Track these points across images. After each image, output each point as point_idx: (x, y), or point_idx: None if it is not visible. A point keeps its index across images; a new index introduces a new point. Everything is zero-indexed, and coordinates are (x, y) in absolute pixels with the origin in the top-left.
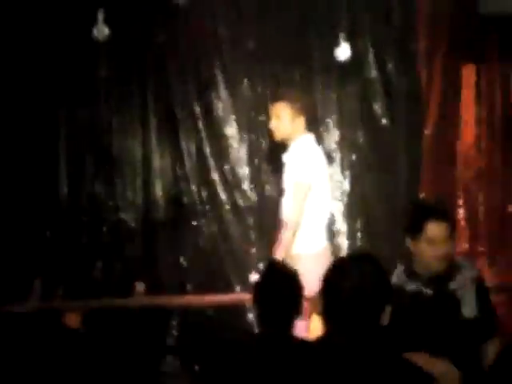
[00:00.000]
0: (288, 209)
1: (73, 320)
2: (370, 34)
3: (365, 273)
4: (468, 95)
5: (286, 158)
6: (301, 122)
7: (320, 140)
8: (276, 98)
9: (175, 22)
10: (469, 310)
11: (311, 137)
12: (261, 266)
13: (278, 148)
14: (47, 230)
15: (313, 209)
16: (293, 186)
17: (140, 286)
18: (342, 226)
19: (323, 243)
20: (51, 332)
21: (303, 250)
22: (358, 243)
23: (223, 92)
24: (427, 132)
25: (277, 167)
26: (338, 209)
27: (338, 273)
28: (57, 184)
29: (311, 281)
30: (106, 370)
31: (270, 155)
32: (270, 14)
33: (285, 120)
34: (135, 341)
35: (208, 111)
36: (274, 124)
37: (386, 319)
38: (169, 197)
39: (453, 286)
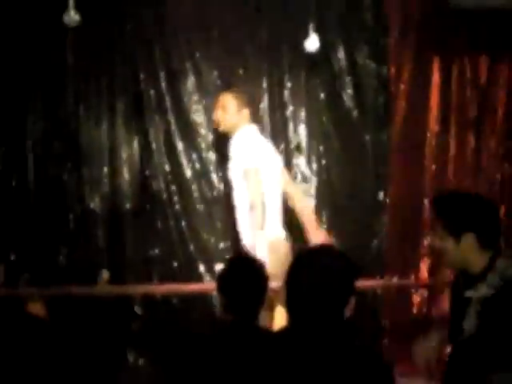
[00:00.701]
0: (243, 195)
1: (37, 308)
2: (339, 26)
3: (327, 265)
4: (437, 88)
5: (231, 149)
6: (246, 113)
7: (287, 131)
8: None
9: (146, 9)
10: (468, 323)
11: (254, 127)
12: (227, 255)
13: None
14: (12, 216)
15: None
16: (243, 173)
17: (105, 274)
18: None
19: (277, 232)
20: (14, 320)
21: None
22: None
23: (192, 79)
24: (395, 124)
25: None
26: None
27: (301, 265)
28: (24, 170)
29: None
30: (69, 360)
31: None
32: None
33: (231, 111)
34: (99, 331)
35: (176, 99)
36: (219, 115)
37: (349, 311)
38: (136, 185)
39: (468, 293)
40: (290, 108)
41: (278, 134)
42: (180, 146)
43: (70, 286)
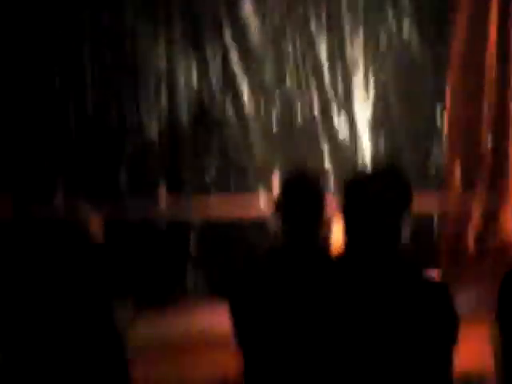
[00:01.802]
0: None
1: (95, 224)
2: None
3: (388, 183)
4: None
5: None
6: None
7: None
8: None
9: None
10: None
11: None
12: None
13: None
14: (73, 134)
15: None
16: None
17: (162, 189)
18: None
19: None
20: (75, 238)
21: None
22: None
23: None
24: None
25: None
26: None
27: (362, 182)
28: (83, 91)
29: None
30: (122, 284)
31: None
32: None
33: None
34: (156, 253)
35: (234, 20)
36: None
37: (406, 230)
38: (193, 105)
39: None
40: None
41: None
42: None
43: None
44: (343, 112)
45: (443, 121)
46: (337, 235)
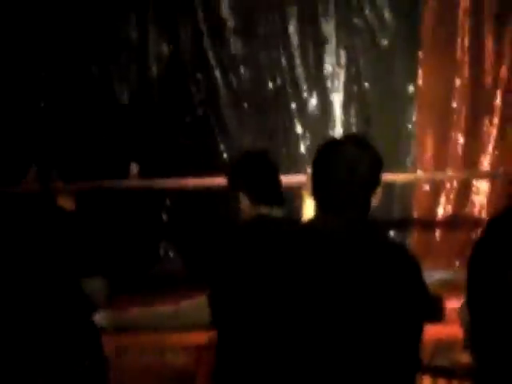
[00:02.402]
0: None
1: (67, 202)
2: None
3: (354, 155)
4: None
5: None
6: None
7: None
8: None
9: None
10: None
11: None
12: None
13: None
14: (42, 110)
15: None
16: None
17: (134, 168)
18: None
19: None
20: (46, 213)
21: None
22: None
23: None
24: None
25: None
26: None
27: (327, 154)
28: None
29: None
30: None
31: None
32: None
33: None
34: (129, 223)
35: None
36: None
37: (376, 201)
38: (165, 80)
39: None
40: None
41: None
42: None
43: (101, 181)
44: (314, 88)
45: (416, 98)
46: (309, 209)
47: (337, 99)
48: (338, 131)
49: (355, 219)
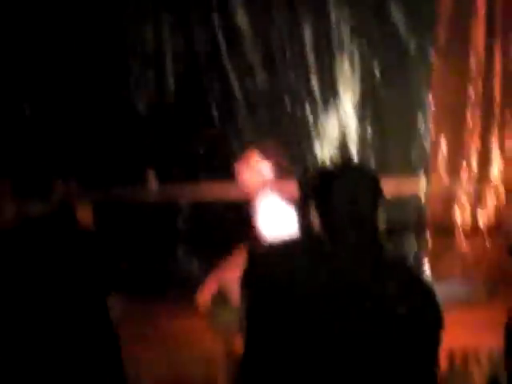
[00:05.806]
0: None
1: (85, 213)
2: None
3: (361, 173)
4: None
5: None
6: None
7: None
8: None
9: None
10: None
11: None
12: None
13: None
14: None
15: None
16: None
17: (151, 174)
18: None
19: None
20: (66, 234)
21: None
22: None
23: None
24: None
25: None
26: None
27: (332, 182)
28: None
29: None
30: (114, 268)
31: None
32: None
33: None
34: (146, 232)
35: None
36: None
37: (382, 221)
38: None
39: None
40: None
41: None
42: None
43: (118, 188)
44: (329, 94)
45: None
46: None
47: (350, 105)
48: (352, 137)
49: (363, 244)
